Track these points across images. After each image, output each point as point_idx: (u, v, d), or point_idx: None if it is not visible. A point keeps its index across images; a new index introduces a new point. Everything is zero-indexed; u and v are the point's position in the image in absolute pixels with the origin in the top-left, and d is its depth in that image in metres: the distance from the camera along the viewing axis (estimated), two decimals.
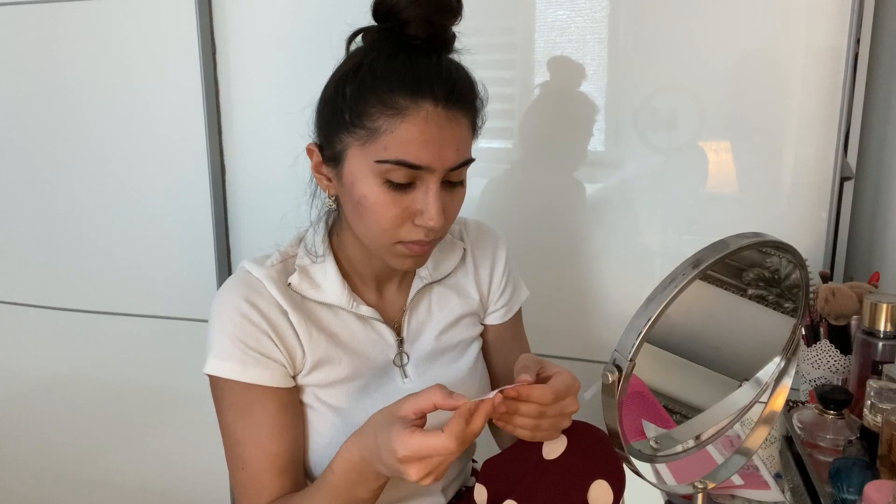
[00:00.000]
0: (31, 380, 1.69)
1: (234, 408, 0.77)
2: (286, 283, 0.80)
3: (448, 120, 0.71)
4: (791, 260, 0.58)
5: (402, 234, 0.74)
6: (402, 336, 0.86)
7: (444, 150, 0.71)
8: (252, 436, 0.76)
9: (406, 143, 0.70)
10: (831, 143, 1.12)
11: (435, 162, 0.71)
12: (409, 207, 0.73)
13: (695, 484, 0.66)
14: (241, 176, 1.45)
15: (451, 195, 0.76)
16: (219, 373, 0.76)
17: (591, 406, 1.35)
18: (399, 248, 0.76)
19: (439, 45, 0.75)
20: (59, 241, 1.58)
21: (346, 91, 0.73)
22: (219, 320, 0.77)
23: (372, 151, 0.71)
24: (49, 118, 1.52)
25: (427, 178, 0.72)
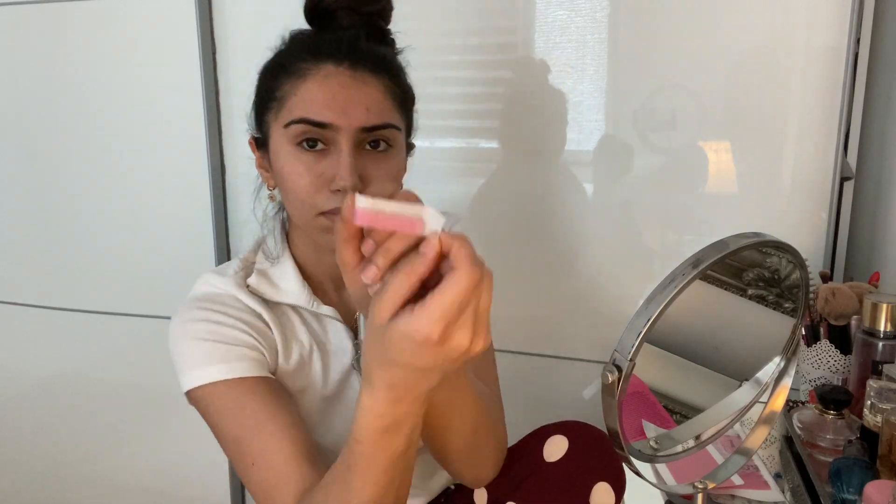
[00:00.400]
0: (31, 380, 1.69)
1: (224, 410, 0.72)
2: (245, 281, 0.79)
3: (353, 79, 0.71)
4: (791, 260, 0.58)
5: (319, 202, 0.72)
6: (359, 339, 0.84)
7: (349, 107, 0.70)
8: (251, 427, 0.70)
9: (308, 102, 0.71)
10: (831, 143, 1.12)
11: (339, 119, 0.70)
12: (323, 174, 0.71)
13: (695, 484, 0.66)
14: (241, 176, 1.45)
15: (375, 160, 0.73)
16: (203, 381, 0.71)
17: (591, 406, 1.36)
18: (322, 221, 0.72)
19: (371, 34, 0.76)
20: (59, 241, 1.58)
21: (266, 76, 0.77)
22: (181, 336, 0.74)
23: (282, 119, 0.73)
24: (49, 118, 1.52)
25: (337, 139, 0.71)
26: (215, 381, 0.71)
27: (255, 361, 0.74)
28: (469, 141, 1.32)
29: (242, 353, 0.73)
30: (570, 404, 1.35)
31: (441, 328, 0.44)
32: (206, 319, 0.74)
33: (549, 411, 1.37)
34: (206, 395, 0.72)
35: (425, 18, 1.29)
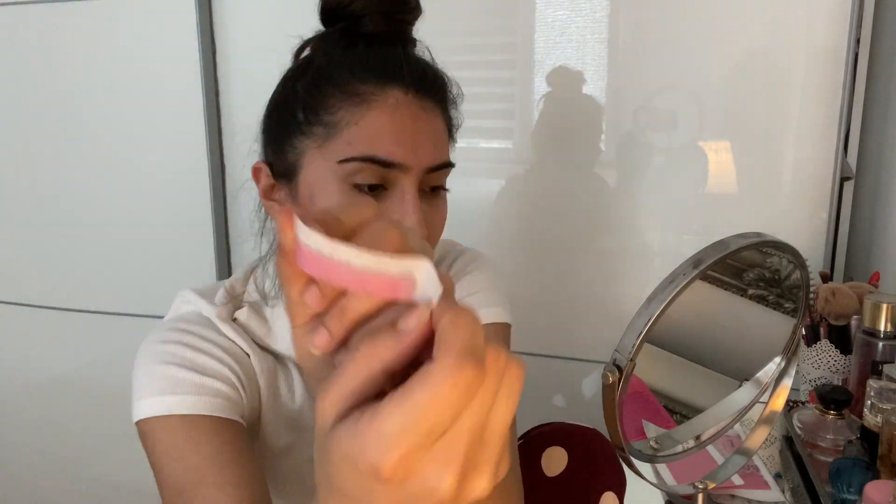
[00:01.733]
0: (31, 380, 1.69)
1: (173, 449, 0.60)
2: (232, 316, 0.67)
3: (422, 110, 0.61)
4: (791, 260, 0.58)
5: None
6: None
7: (419, 144, 0.60)
8: (198, 474, 0.58)
9: (374, 136, 0.58)
10: (831, 143, 1.12)
11: (409, 158, 0.59)
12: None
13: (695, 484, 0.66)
14: (241, 176, 1.45)
15: (432, 206, 0.63)
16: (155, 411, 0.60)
17: (591, 406, 1.36)
18: None
19: (400, 40, 0.65)
20: (59, 241, 1.58)
21: (298, 88, 0.63)
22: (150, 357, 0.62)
23: (333, 151, 0.59)
24: (49, 118, 1.52)
25: (401, 180, 0.59)
26: (171, 413, 0.59)
27: (227, 400, 0.62)
28: (469, 141, 1.32)
29: (215, 388, 0.61)
30: (570, 404, 1.35)
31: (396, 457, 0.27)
32: (179, 342, 0.62)
33: (549, 411, 1.37)
34: (157, 429, 0.60)
35: (425, 18, 1.29)
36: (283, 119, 0.63)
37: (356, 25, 0.63)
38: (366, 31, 0.63)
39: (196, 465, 0.58)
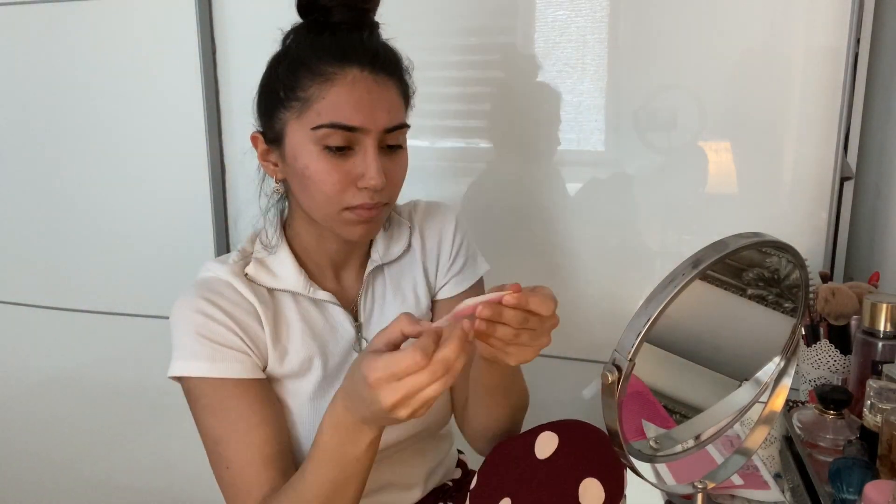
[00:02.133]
0: (31, 380, 1.69)
1: (209, 408, 0.77)
2: (244, 271, 0.82)
3: (376, 83, 0.75)
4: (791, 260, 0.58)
5: (346, 199, 0.76)
6: (359, 321, 0.87)
7: (375, 111, 0.75)
8: (231, 431, 0.76)
9: (337, 106, 0.74)
10: (831, 143, 1.12)
11: (368, 122, 0.74)
12: (350, 172, 0.75)
13: (695, 484, 0.66)
14: (241, 176, 1.45)
15: (392, 159, 0.78)
16: (187, 372, 0.76)
17: (591, 406, 1.36)
18: (347, 215, 0.77)
19: (363, 26, 0.79)
20: (59, 241, 1.58)
21: (279, 71, 0.78)
22: (180, 323, 0.78)
23: (307, 120, 0.75)
24: (49, 118, 1.52)
25: (363, 140, 0.75)
26: (200, 376, 0.76)
27: (239, 363, 0.77)
28: (469, 141, 1.32)
29: (226, 354, 0.77)
30: (570, 404, 1.35)
31: (376, 376, 0.57)
32: (201, 312, 0.77)
33: (550, 411, 1.37)
34: (192, 388, 0.77)
35: (425, 19, 1.29)
36: (269, 97, 0.79)
37: (326, 16, 0.77)
38: (333, 21, 0.77)
39: (229, 421, 0.76)
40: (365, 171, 0.75)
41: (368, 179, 0.75)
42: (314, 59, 0.75)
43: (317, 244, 0.84)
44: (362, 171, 0.75)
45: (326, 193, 0.76)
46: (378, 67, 0.76)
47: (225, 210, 1.47)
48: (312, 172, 0.75)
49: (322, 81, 0.74)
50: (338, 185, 0.75)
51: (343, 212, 0.77)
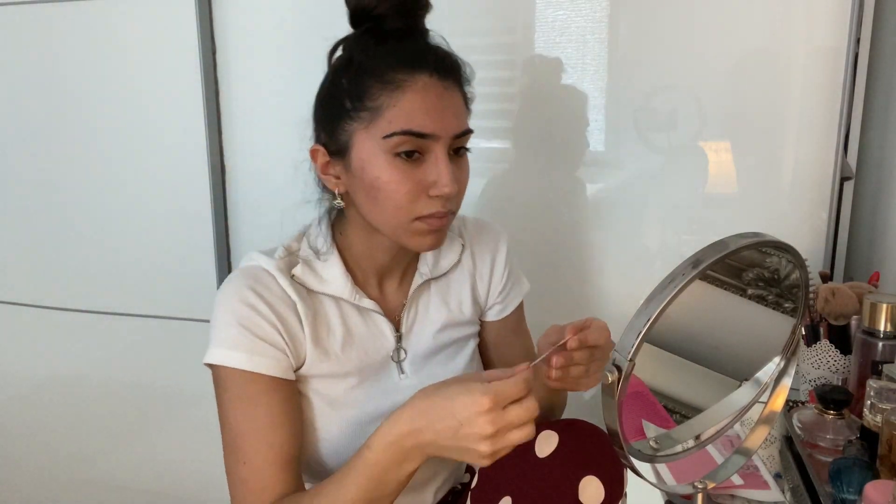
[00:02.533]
0: (31, 380, 1.69)
1: (237, 399, 0.76)
2: (291, 271, 0.81)
3: (445, 89, 0.75)
4: (791, 260, 0.58)
5: (418, 208, 0.75)
6: (400, 331, 0.87)
7: (445, 117, 0.74)
8: (256, 427, 0.75)
9: (409, 113, 0.72)
10: (831, 143, 1.12)
11: (439, 129, 0.73)
12: (421, 181, 0.74)
13: (695, 484, 0.66)
14: (241, 176, 1.45)
15: (459, 166, 0.78)
16: (224, 362, 0.75)
17: (591, 406, 1.35)
18: (418, 225, 0.76)
19: (417, 32, 0.79)
20: (59, 241, 1.58)
21: (343, 82, 0.76)
22: (224, 310, 0.77)
23: (378, 129, 0.73)
24: (49, 118, 1.52)
25: (434, 147, 0.74)
26: (236, 367, 0.75)
27: (275, 361, 0.76)
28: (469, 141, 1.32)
29: (266, 349, 0.76)
30: (570, 404, 1.35)
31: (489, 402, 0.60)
32: (246, 302, 0.76)
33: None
34: (225, 377, 0.76)
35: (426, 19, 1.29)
36: (333, 108, 0.77)
37: (380, 24, 0.76)
38: (389, 28, 0.76)
39: (254, 416, 0.75)
40: (437, 179, 0.74)
41: (442, 187, 0.74)
42: (382, 68, 0.73)
43: (368, 253, 0.84)
44: (434, 178, 0.74)
45: (398, 203, 0.74)
46: (445, 73, 0.75)
47: (225, 210, 1.47)
48: (384, 182, 0.74)
49: (392, 89, 0.73)
50: (410, 195, 0.74)
51: (414, 222, 0.76)
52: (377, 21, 0.76)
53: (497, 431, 0.60)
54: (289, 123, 1.42)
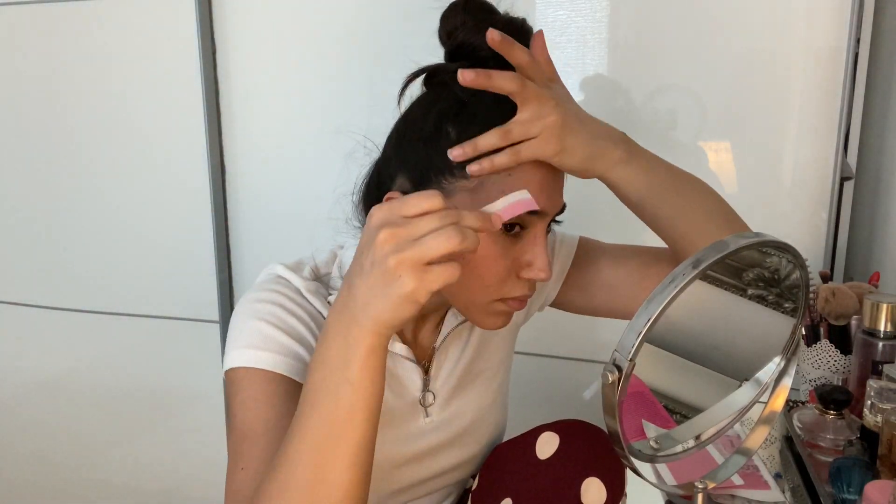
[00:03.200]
0: (31, 380, 1.69)
1: (252, 401, 0.66)
2: (325, 299, 0.73)
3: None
4: (791, 260, 0.58)
5: (506, 289, 0.67)
6: (429, 375, 0.81)
7: (555, 193, 0.68)
8: (267, 429, 0.64)
9: (526, 187, 0.64)
10: (831, 143, 1.12)
11: (549, 207, 0.67)
12: (517, 259, 0.67)
13: (695, 484, 0.66)
14: (241, 176, 1.45)
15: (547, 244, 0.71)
16: (245, 363, 0.66)
17: (591, 406, 1.35)
18: (498, 306, 0.68)
19: None
20: (59, 241, 1.58)
21: (450, 131, 0.66)
22: (250, 312, 0.69)
23: (486, 195, 0.64)
24: (49, 118, 1.52)
25: (537, 224, 0.66)
26: (255, 366, 0.66)
27: (305, 364, 0.68)
28: None
29: (297, 352, 0.68)
30: (570, 404, 1.35)
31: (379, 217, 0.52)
32: (277, 304, 0.69)
33: (550, 411, 1.37)
34: (242, 378, 0.67)
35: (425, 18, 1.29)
36: (430, 157, 0.66)
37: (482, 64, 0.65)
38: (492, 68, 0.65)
39: (266, 419, 0.64)
40: (534, 262, 0.66)
41: (538, 271, 0.66)
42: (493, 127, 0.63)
43: None
44: (530, 259, 0.66)
45: (487, 282, 0.66)
46: None
47: (225, 210, 1.47)
48: (479, 257, 0.64)
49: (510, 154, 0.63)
50: (503, 274, 0.66)
51: (495, 302, 0.68)
52: (481, 60, 0.67)
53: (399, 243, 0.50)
54: (289, 123, 1.42)
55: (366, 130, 0.80)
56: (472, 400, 0.84)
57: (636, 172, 0.70)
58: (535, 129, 0.63)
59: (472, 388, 0.84)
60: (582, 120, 0.67)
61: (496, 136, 0.62)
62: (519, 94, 0.63)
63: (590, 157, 0.66)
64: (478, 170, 0.62)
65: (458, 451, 0.84)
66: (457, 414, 0.82)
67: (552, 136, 0.63)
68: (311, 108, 1.37)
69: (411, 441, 0.79)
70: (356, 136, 0.80)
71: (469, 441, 0.85)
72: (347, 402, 0.54)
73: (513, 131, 0.63)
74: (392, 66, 0.79)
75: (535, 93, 0.64)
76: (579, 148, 0.65)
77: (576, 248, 0.89)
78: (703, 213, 0.74)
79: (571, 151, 0.65)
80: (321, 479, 0.54)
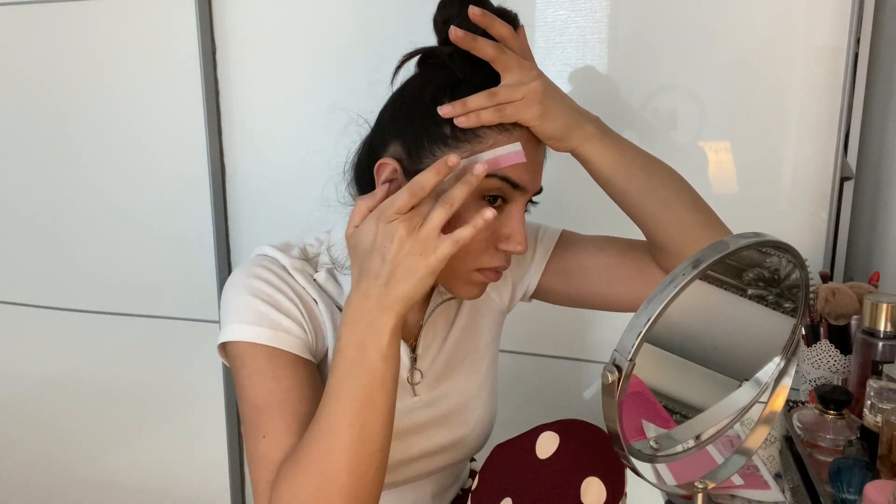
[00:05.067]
0: (31, 380, 1.69)
1: (259, 374, 0.71)
2: (311, 277, 0.78)
3: (538, 143, 0.72)
4: (791, 260, 0.58)
5: (484, 259, 0.72)
6: (416, 353, 0.84)
7: (536, 172, 0.72)
8: (280, 400, 0.70)
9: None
10: (831, 143, 1.12)
11: (530, 183, 0.71)
12: (496, 231, 0.71)
13: (695, 484, 0.66)
14: (241, 176, 1.45)
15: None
16: (244, 337, 0.71)
17: (591, 406, 1.35)
18: (476, 276, 0.73)
19: None
20: (59, 241, 1.58)
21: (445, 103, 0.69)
22: (240, 290, 0.74)
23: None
24: (48, 118, 1.52)
25: (517, 200, 0.71)
26: (258, 342, 0.71)
27: (299, 339, 0.73)
28: None
29: (290, 326, 0.73)
30: (570, 404, 1.35)
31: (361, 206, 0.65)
32: (266, 280, 0.74)
33: (550, 411, 1.37)
34: (245, 353, 0.72)
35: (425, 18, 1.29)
36: (426, 128, 0.70)
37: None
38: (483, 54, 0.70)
39: (277, 391, 0.70)
40: (512, 234, 0.71)
41: (516, 244, 0.71)
42: None
43: None
44: (509, 233, 0.71)
45: (469, 251, 0.70)
46: None
47: (225, 210, 1.47)
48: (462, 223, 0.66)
49: (501, 131, 0.69)
50: (483, 244, 0.71)
51: (474, 272, 0.72)
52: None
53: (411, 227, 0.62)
54: (289, 123, 1.42)
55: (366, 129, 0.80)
56: (459, 381, 0.87)
57: (608, 148, 0.74)
58: (518, 94, 0.68)
59: (459, 369, 0.87)
60: (560, 93, 0.72)
61: (483, 97, 0.67)
62: (500, 60, 0.69)
63: (567, 127, 0.71)
64: (465, 122, 0.67)
65: (446, 432, 0.85)
66: (445, 394, 0.85)
67: (534, 101, 0.68)
68: (312, 107, 1.37)
69: (399, 417, 0.81)
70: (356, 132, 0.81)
71: (457, 422, 0.86)
72: (381, 373, 0.64)
73: (499, 93, 0.68)
74: (392, 65, 0.79)
75: (516, 61, 0.69)
76: (559, 116, 0.70)
77: (557, 237, 0.93)
78: (672, 193, 0.79)
79: (552, 117, 0.70)
80: (364, 439, 0.63)
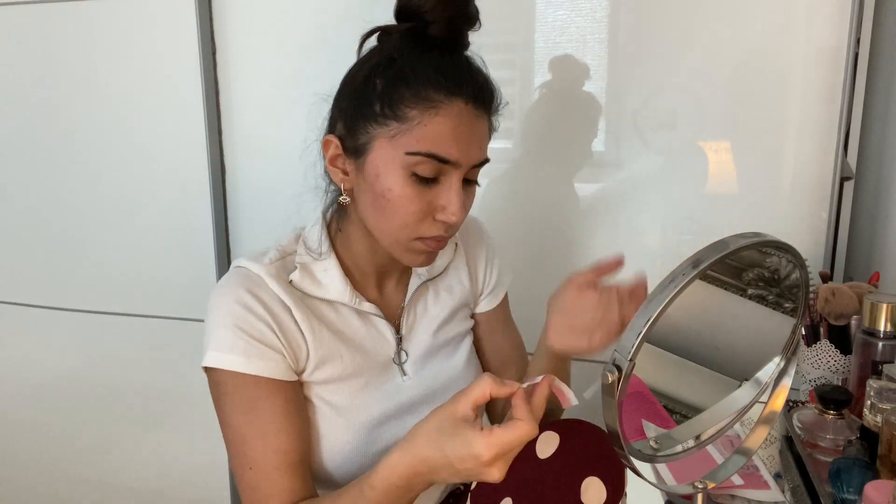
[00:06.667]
0: (31, 380, 1.69)
1: (238, 404, 0.74)
2: (287, 279, 0.79)
3: (476, 118, 0.74)
4: (791, 260, 0.58)
5: (422, 229, 0.75)
6: (400, 333, 0.87)
7: (471, 147, 0.73)
8: (259, 433, 0.74)
9: (438, 137, 0.71)
10: (831, 143, 1.12)
11: (462, 158, 0.72)
12: (431, 202, 0.74)
13: (695, 484, 0.66)
14: (241, 176, 1.45)
15: (468, 193, 0.78)
16: (221, 365, 0.74)
17: (591, 406, 1.35)
18: (416, 244, 0.76)
19: (460, 46, 0.77)
20: (59, 241, 1.58)
21: (377, 83, 0.73)
22: (219, 313, 0.76)
23: (402, 143, 0.72)
24: (49, 118, 1.52)
25: (451, 173, 0.73)
26: (234, 370, 0.74)
27: (273, 363, 0.75)
28: None
29: (264, 351, 0.75)
30: None
31: (491, 455, 0.59)
32: (240, 303, 0.75)
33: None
34: (223, 381, 0.75)
35: None
36: (359, 106, 0.74)
37: (424, 27, 0.74)
38: (433, 34, 0.74)
39: (259, 422, 0.74)
40: (447, 205, 0.74)
41: (450, 214, 0.74)
42: (422, 83, 0.71)
43: (368, 255, 0.83)
44: (444, 203, 0.74)
45: (404, 220, 0.74)
46: (480, 102, 0.74)
47: (225, 210, 1.47)
48: (395, 196, 0.73)
49: (426, 108, 0.71)
50: (418, 214, 0.74)
51: (414, 241, 0.76)
52: (420, 23, 0.74)
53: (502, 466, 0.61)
54: (289, 123, 1.42)
55: None
56: (444, 359, 0.91)
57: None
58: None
59: (444, 350, 0.91)
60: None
61: None
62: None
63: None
64: None
65: None
66: (433, 373, 0.89)
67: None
68: (312, 107, 1.37)
69: (391, 397, 0.84)
70: None
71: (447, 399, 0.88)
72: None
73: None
74: None
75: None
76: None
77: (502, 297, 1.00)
78: None
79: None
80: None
